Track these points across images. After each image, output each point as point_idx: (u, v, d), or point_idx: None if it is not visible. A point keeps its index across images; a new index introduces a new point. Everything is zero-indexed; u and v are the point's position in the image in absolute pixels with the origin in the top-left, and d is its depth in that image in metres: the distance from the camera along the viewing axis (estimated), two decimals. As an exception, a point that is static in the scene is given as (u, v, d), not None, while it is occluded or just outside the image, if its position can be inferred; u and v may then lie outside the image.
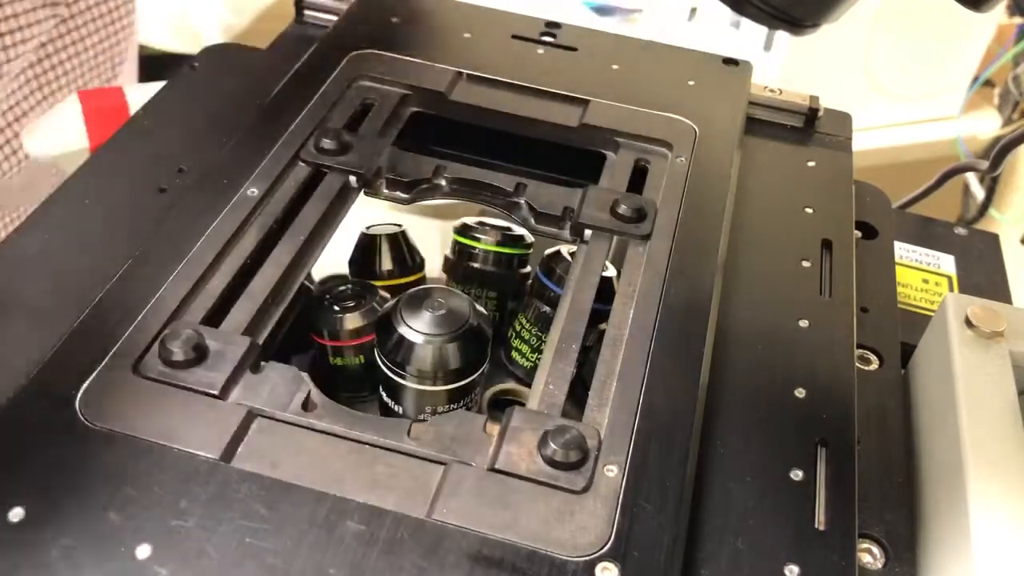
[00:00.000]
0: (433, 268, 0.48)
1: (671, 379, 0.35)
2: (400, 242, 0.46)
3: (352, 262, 0.46)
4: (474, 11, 0.56)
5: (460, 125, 0.49)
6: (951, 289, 0.53)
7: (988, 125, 1.25)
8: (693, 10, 1.18)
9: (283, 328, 0.38)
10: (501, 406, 0.41)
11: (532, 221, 0.44)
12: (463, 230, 0.46)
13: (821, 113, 0.53)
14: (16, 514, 0.28)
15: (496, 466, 0.31)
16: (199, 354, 0.33)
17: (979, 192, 1.23)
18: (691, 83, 0.51)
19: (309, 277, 0.40)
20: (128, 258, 0.37)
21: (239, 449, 0.31)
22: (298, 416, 0.32)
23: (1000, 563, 0.31)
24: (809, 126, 0.53)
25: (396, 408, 0.38)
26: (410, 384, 0.37)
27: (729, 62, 0.54)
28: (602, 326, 0.38)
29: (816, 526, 0.33)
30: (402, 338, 0.36)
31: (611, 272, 0.41)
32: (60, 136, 0.57)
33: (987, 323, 0.40)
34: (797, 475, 0.34)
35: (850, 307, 0.42)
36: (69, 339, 0.34)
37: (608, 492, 0.31)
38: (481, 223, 0.46)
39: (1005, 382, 0.38)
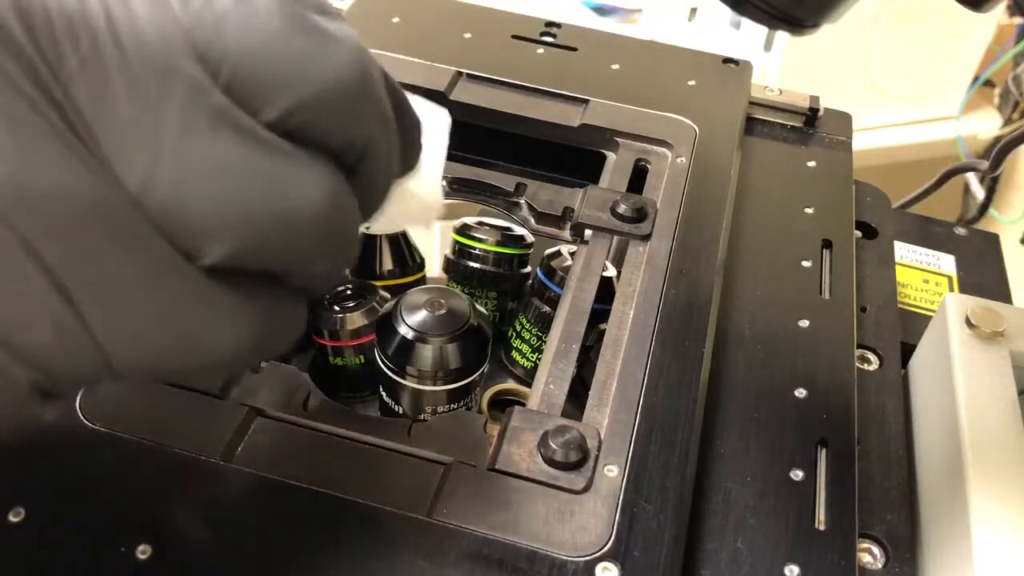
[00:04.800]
0: (433, 268, 0.48)
1: (671, 379, 0.35)
2: (400, 242, 0.46)
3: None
4: (474, 11, 0.56)
5: (460, 125, 0.48)
6: (951, 289, 0.53)
7: (988, 125, 1.25)
8: (693, 10, 1.18)
9: (283, 328, 0.38)
10: (501, 406, 0.41)
11: (532, 221, 0.44)
12: (463, 230, 0.46)
13: (821, 113, 0.53)
14: (16, 514, 0.28)
15: (496, 466, 0.31)
16: (199, 354, 0.33)
17: (979, 192, 1.23)
18: (691, 83, 0.51)
19: (309, 277, 0.40)
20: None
21: (239, 449, 0.31)
22: (298, 416, 0.32)
23: (1000, 563, 0.31)
24: (809, 126, 0.53)
25: (396, 408, 0.38)
26: (410, 384, 0.37)
27: (729, 62, 0.54)
28: (602, 326, 0.38)
29: (816, 526, 0.33)
30: (402, 338, 0.36)
31: (611, 272, 0.41)
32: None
33: (987, 323, 0.40)
34: (797, 475, 0.34)
35: (850, 307, 0.42)
36: (69, 339, 0.34)
37: (608, 492, 0.31)
38: (481, 223, 0.46)
39: (1005, 382, 0.38)
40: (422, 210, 0.30)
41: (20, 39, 0.17)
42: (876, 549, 0.35)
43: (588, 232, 0.41)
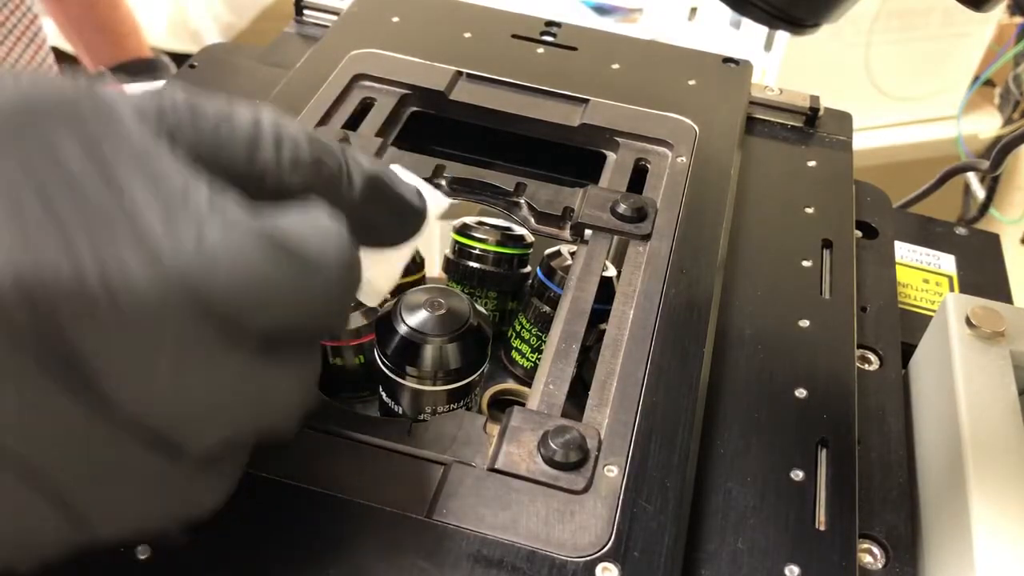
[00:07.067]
0: (433, 268, 0.48)
1: (671, 379, 0.35)
2: (400, 242, 0.46)
3: (352, 262, 0.46)
4: (474, 11, 0.56)
5: (460, 125, 0.49)
6: (951, 289, 0.53)
7: (988, 125, 1.25)
8: (693, 10, 1.19)
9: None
10: (501, 406, 0.41)
11: (532, 221, 0.44)
12: (463, 230, 0.46)
13: (821, 113, 0.53)
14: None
15: (496, 466, 0.31)
16: (199, 354, 0.33)
17: (979, 192, 1.23)
18: (691, 83, 0.51)
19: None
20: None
21: (239, 449, 0.31)
22: (298, 416, 0.32)
23: (1001, 563, 0.31)
24: (809, 126, 0.53)
25: (396, 408, 0.38)
26: (410, 384, 0.37)
27: (729, 62, 0.54)
28: (602, 326, 0.37)
29: (816, 526, 0.33)
30: (402, 338, 0.36)
31: (611, 272, 0.41)
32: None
33: (988, 323, 0.40)
34: (797, 475, 0.34)
35: (850, 307, 0.42)
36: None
37: (608, 492, 0.31)
38: (481, 223, 0.46)
39: (1005, 382, 0.38)
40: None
41: (26, 328, 0.19)
42: (876, 549, 0.35)
43: (588, 232, 0.41)
